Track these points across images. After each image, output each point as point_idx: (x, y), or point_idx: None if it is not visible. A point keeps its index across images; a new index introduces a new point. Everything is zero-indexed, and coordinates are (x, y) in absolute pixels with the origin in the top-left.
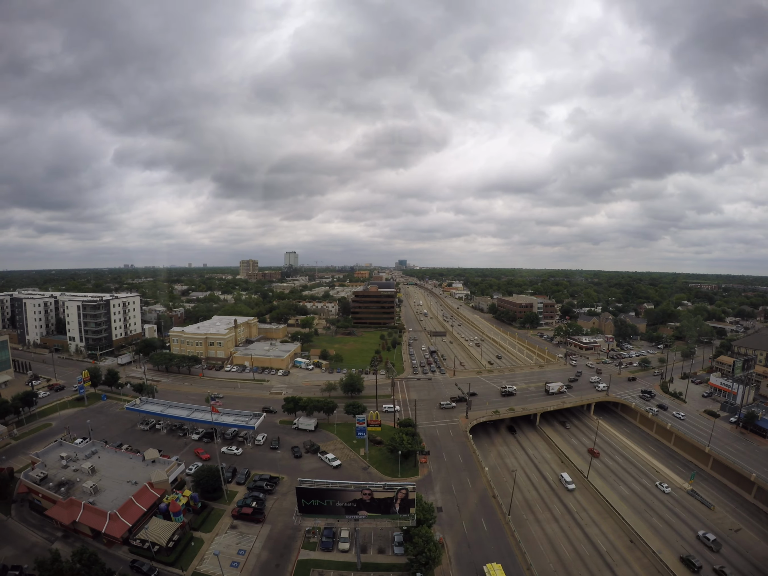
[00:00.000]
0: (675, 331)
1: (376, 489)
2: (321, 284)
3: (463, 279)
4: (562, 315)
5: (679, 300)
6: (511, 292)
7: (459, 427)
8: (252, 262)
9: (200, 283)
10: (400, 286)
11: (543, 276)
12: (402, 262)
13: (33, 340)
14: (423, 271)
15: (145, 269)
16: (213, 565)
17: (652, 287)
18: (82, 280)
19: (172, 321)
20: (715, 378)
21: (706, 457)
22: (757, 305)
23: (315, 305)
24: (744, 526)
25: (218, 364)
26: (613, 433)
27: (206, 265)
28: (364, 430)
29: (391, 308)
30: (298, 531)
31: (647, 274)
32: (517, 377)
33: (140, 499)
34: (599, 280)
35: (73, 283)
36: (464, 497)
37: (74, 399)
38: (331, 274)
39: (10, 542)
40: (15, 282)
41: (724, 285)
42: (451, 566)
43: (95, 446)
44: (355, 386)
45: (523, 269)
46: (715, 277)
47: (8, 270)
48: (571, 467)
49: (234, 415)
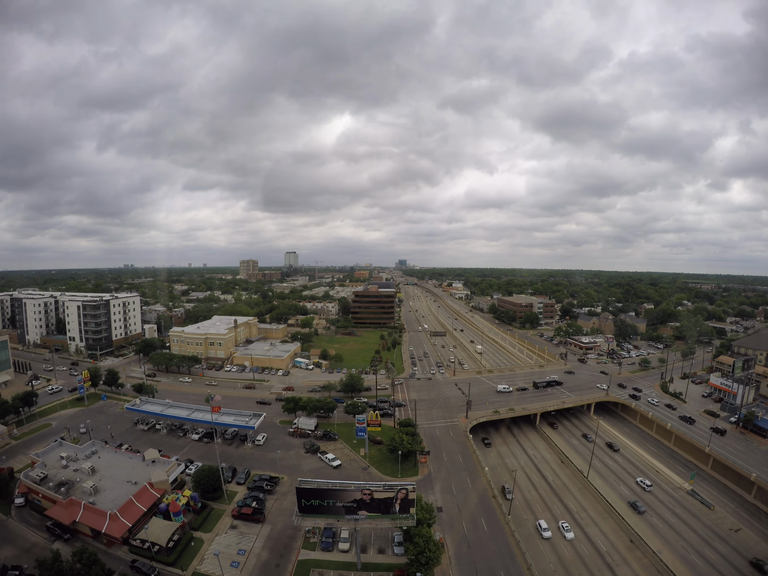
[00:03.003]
0: (675, 331)
1: (376, 489)
2: (321, 284)
3: (463, 279)
4: (562, 315)
5: (679, 300)
6: (511, 292)
7: (459, 427)
8: (252, 262)
9: (200, 283)
10: (400, 286)
11: (543, 276)
12: (402, 262)
13: (33, 340)
14: (423, 271)
15: (145, 269)
16: (213, 565)
17: (652, 287)
18: (82, 280)
19: (172, 321)
20: (715, 378)
21: (706, 457)
22: (757, 305)
23: (315, 305)
24: (744, 526)
25: (218, 364)
26: (613, 433)
27: (206, 265)
28: (364, 430)
29: (391, 308)
30: (298, 531)
31: (647, 274)
32: (518, 377)
33: (140, 499)
34: (599, 280)
35: (73, 283)
36: (464, 497)
37: (74, 399)
38: (331, 274)
39: (10, 542)
40: (15, 282)
41: (724, 285)
42: (451, 566)
43: (95, 446)
44: (355, 386)
45: (522, 269)
46: (715, 277)
47: (9, 270)
48: (570, 467)
49: (234, 415)
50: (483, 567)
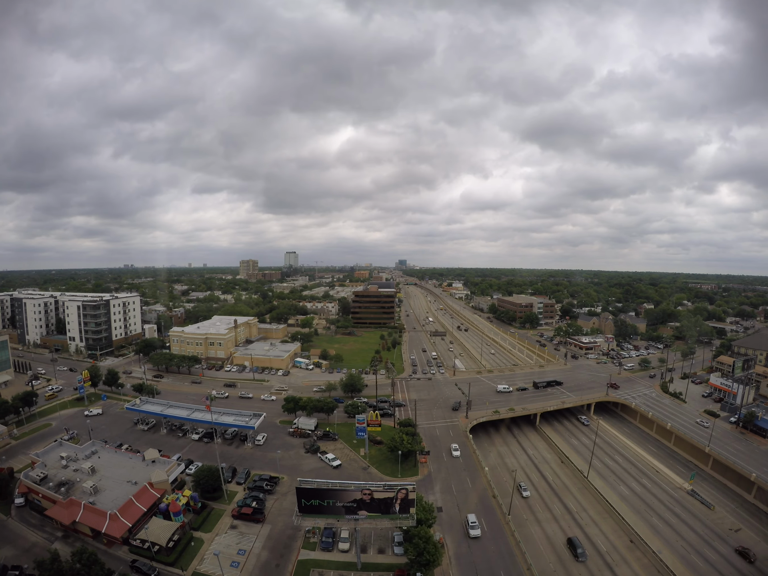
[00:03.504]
0: (675, 331)
1: (376, 489)
2: (321, 284)
3: (463, 279)
4: (562, 315)
5: (679, 300)
6: (511, 292)
7: (459, 427)
8: (252, 262)
9: (200, 283)
10: (400, 286)
11: (543, 276)
12: (402, 262)
13: (33, 340)
14: (423, 271)
15: (145, 269)
16: (213, 565)
17: (652, 287)
18: (82, 280)
19: (172, 321)
20: (715, 378)
21: (706, 457)
22: (757, 305)
23: (315, 305)
24: (744, 526)
25: (218, 364)
26: (613, 433)
27: (206, 265)
28: (364, 430)
29: (391, 308)
30: (298, 531)
31: (647, 274)
32: (518, 377)
33: (140, 499)
34: (599, 280)
35: (73, 283)
36: (464, 497)
37: (74, 399)
38: (331, 274)
39: (10, 542)
40: (15, 282)
41: (724, 285)
42: (451, 566)
43: (95, 446)
44: (355, 386)
45: (522, 269)
46: (714, 277)
47: (9, 270)
48: (570, 467)
49: (234, 415)
50: (483, 567)
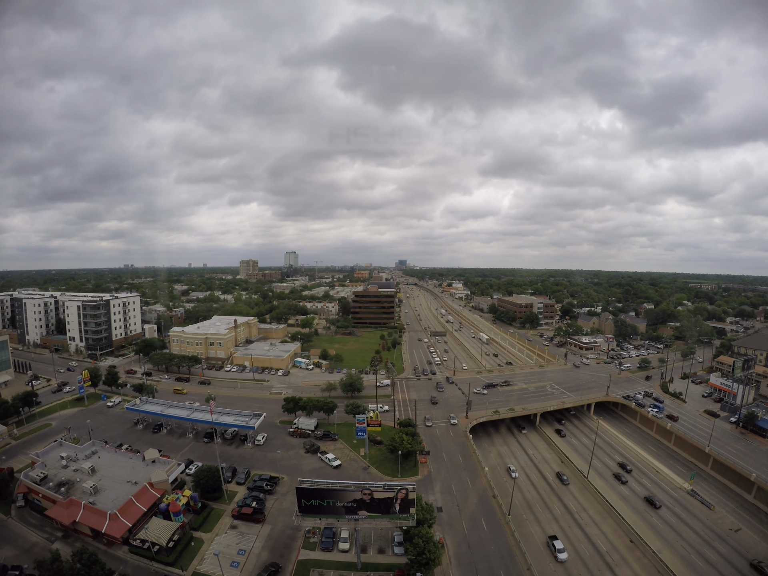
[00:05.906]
0: (675, 331)
1: (376, 489)
2: (321, 284)
3: (463, 279)
4: (562, 315)
5: (679, 300)
6: (511, 292)
7: (459, 427)
8: (252, 262)
9: (200, 283)
10: (400, 286)
11: (543, 276)
12: (402, 262)
13: (33, 340)
14: (423, 271)
15: (145, 269)
16: (213, 565)
17: (652, 287)
18: (82, 280)
19: (172, 321)
20: (715, 378)
21: (706, 457)
22: (757, 305)
23: (315, 305)
24: (744, 526)
25: (218, 364)
26: (613, 433)
27: (206, 265)
28: (364, 430)
29: (391, 308)
30: (298, 531)
31: (647, 274)
32: (517, 377)
33: (140, 499)
34: (599, 280)
35: (73, 283)
36: (464, 497)
37: (74, 399)
38: (331, 274)
39: (10, 542)
40: (15, 282)
41: (724, 285)
42: (451, 566)
43: (95, 446)
44: (355, 386)
45: (522, 269)
46: (715, 277)
47: (9, 270)
48: (570, 467)
49: (234, 415)
50: (483, 567)
